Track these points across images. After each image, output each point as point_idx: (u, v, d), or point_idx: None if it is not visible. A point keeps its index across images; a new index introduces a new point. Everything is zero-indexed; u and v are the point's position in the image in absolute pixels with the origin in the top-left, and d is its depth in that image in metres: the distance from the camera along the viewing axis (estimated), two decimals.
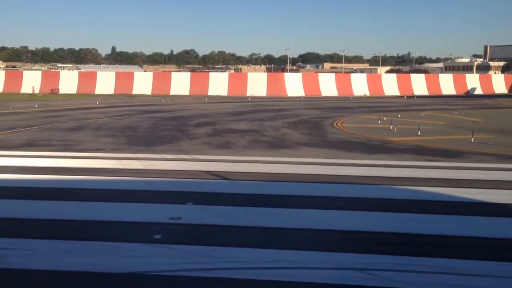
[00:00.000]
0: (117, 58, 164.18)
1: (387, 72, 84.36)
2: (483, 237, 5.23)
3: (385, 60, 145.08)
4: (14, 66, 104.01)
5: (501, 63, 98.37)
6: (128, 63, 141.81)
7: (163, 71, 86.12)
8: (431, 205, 6.50)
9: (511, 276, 4.21)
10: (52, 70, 68.88)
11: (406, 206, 6.47)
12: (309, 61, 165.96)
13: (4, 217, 5.86)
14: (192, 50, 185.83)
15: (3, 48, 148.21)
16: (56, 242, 4.95)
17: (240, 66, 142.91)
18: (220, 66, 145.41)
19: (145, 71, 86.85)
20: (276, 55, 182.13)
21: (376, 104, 28.81)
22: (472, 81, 44.54)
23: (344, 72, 78.44)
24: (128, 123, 17.45)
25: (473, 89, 43.36)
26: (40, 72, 45.12)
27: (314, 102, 31.26)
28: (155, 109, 24.07)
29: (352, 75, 49.14)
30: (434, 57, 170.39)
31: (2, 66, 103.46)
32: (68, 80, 38.47)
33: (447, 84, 43.34)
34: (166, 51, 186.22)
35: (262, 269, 4.28)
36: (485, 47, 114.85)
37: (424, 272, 4.21)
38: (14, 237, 5.07)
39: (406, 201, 6.77)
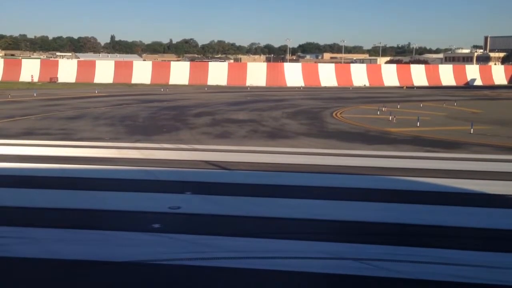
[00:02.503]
0: (116, 47, 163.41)
1: (387, 62, 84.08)
2: (480, 228, 5.25)
3: (385, 51, 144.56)
4: (12, 55, 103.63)
5: (501, 54, 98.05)
6: (127, 52, 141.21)
7: (162, 60, 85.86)
8: (429, 196, 6.52)
9: (508, 267, 4.23)
10: (51, 59, 68.65)
11: (405, 196, 6.49)
12: (309, 51, 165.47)
13: (3, 205, 5.87)
14: (191, 39, 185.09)
15: (2, 36, 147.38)
16: (55, 231, 4.96)
17: (239, 56, 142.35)
18: (219, 55, 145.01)
19: (144, 60, 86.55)
20: (276, 45, 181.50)
21: (375, 95, 28.78)
22: (472, 72, 44.47)
23: (344, 63, 78.24)
24: (127, 112, 17.43)
25: (473, 80, 43.31)
26: (39, 60, 44.95)
27: (313, 92, 31.22)
28: (154, 98, 24.03)
29: (352, 65, 49.01)
30: (434, 48, 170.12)
31: (0, 55, 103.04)
32: (67, 69, 38.37)
33: (447, 75, 43.27)
34: (165, 41, 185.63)
35: (260, 258, 4.30)
36: (485, 38, 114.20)
37: (421, 262, 4.23)
38: (13, 226, 5.08)
39: (404, 191, 6.78)
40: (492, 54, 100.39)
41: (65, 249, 4.46)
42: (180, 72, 38.73)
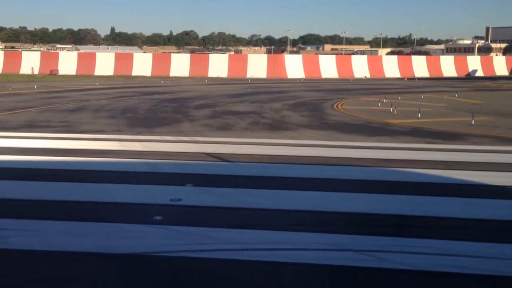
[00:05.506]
0: (116, 39, 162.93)
1: (388, 53, 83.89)
2: (481, 219, 5.26)
3: (386, 42, 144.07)
4: (13, 47, 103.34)
5: (503, 45, 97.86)
6: (127, 44, 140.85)
7: (162, 52, 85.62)
8: (430, 187, 6.52)
9: (507, 257, 4.25)
10: (51, 51, 68.43)
11: (405, 188, 6.49)
12: (310, 42, 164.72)
13: (4, 198, 5.89)
14: (191, 31, 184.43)
15: (2, 29, 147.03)
16: (56, 223, 4.98)
17: (240, 48, 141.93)
18: (220, 47, 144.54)
19: (144, 52, 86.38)
20: (277, 36, 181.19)
21: (376, 86, 28.72)
22: (473, 63, 44.32)
23: (345, 54, 78.01)
24: (128, 104, 17.42)
25: (474, 71, 43.18)
26: (39, 53, 44.81)
27: (314, 84, 31.16)
28: (155, 90, 24.00)
29: (353, 56, 48.86)
30: (435, 39, 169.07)
31: (1, 47, 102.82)
32: (67, 61, 38.26)
33: (448, 66, 43.14)
34: (165, 32, 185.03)
35: (262, 250, 4.32)
36: (487, 29, 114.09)
37: (421, 254, 4.25)
38: (14, 218, 5.10)
39: (405, 183, 6.79)
40: (493, 45, 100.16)
41: (67, 241, 4.48)
42: (180, 64, 38.62)
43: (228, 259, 4.13)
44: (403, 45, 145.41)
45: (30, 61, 38.04)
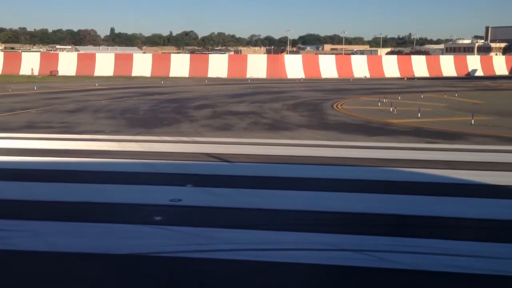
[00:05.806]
0: (116, 39, 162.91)
1: (388, 53, 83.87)
2: (480, 219, 5.26)
3: (385, 42, 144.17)
4: (12, 48, 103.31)
5: (502, 45, 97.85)
6: (127, 45, 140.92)
7: (162, 52, 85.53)
8: (430, 187, 6.52)
9: (506, 257, 4.24)
10: (51, 52, 68.42)
11: (405, 188, 6.49)
12: (309, 42, 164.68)
13: (4, 199, 5.89)
14: (191, 31, 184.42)
15: (1, 30, 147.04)
16: (57, 224, 4.98)
17: (239, 48, 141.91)
18: (219, 47, 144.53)
19: (144, 52, 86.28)
20: (276, 36, 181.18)
21: (376, 86, 28.72)
22: (473, 62, 44.31)
23: (345, 54, 78.01)
24: (127, 105, 17.42)
25: (474, 70, 43.17)
26: (38, 53, 44.82)
27: (314, 84, 31.15)
28: (154, 91, 23.99)
29: (353, 56, 48.85)
30: (435, 39, 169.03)
31: (0, 48, 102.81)
32: (67, 62, 38.25)
33: (447, 65, 43.13)
34: (165, 33, 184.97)
35: (262, 250, 4.31)
36: (487, 28, 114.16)
37: (421, 253, 4.25)
38: (15, 219, 5.09)
39: (405, 183, 6.79)
40: (493, 45, 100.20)
41: (66, 242, 4.48)
42: (180, 65, 38.61)
43: (228, 259, 4.13)
44: (403, 45, 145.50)
45: (30, 62, 38.02)
